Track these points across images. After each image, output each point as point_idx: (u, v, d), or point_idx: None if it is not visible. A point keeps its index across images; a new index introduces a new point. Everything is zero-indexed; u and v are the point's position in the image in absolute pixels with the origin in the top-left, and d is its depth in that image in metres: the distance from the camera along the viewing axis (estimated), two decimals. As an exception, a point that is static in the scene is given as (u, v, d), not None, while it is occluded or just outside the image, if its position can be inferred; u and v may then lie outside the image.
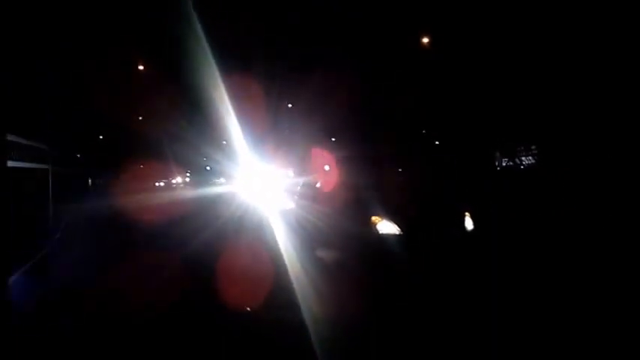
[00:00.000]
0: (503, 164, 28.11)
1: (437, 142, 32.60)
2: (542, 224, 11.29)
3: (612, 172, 15.34)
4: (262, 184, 22.89)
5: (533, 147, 25.66)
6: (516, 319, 5.13)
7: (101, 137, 35.39)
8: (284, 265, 7.55)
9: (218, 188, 40.27)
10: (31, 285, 6.34)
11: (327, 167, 11.48)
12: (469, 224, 8.41)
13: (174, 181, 52.59)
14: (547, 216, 12.17)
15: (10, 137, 6.65)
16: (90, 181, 13.78)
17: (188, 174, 61.22)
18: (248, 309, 5.60)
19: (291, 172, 27.16)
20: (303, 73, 30.45)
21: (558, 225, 10.98)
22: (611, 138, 18.12)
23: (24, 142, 7.43)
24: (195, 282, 6.64)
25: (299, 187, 13.38)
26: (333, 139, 34.88)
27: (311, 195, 11.73)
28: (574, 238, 9.48)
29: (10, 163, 6.57)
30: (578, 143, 19.94)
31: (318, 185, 11.80)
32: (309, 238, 9.79)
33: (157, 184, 47.00)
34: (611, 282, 6.32)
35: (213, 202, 24.50)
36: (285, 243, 9.23)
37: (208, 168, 57.89)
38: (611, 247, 8.26)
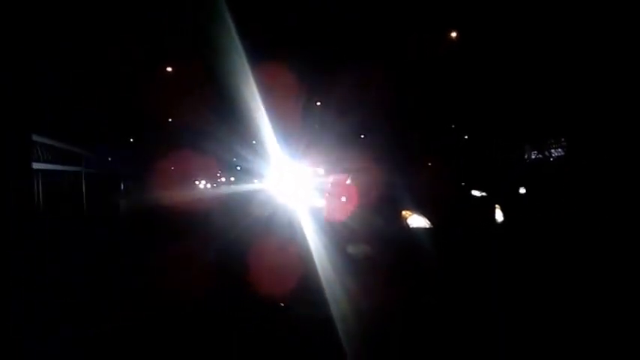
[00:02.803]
0: (533, 157, 27.74)
1: (466, 137, 32.34)
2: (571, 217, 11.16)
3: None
4: (292, 182, 22.98)
5: (562, 139, 25.25)
6: (548, 316, 5.07)
7: (132, 140, 35.81)
8: (313, 261, 7.57)
9: (247, 187, 40.54)
10: (66, 284, 6.49)
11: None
12: (499, 216, 8.33)
13: (204, 183, 53.06)
14: (576, 208, 12.01)
15: (44, 140, 6.82)
16: (122, 184, 14.02)
17: (219, 174, 61.84)
18: (282, 304, 5.63)
19: (321, 170, 27.19)
20: (333, 71, 30.49)
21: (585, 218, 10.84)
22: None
23: (59, 145, 7.60)
24: (225, 278, 6.73)
25: (329, 185, 13.37)
26: (362, 136, 34.88)
27: (341, 192, 11.73)
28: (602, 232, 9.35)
29: (45, 166, 6.74)
30: (608, 135, 19.56)
31: (348, 182, 11.79)
32: (339, 235, 9.80)
33: (190, 183, 47.31)
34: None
35: (243, 201, 24.69)
36: (314, 240, 9.26)
37: (239, 168, 58.51)
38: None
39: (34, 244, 5.84)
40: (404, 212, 7.98)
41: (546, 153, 26.43)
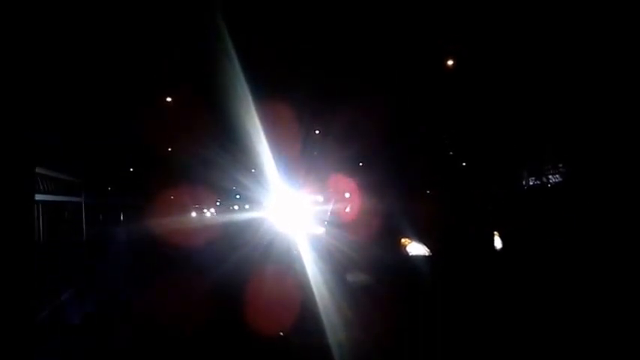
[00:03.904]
0: (531, 183, 27.80)
1: (464, 164, 32.45)
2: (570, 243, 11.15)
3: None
4: (291, 210, 23.03)
5: (560, 165, 25.31)
6: (548, 343, 5.07)
7: (132, 169, 35.87)
8: (312, 290, 7.58)
9: (247, 215, 40.52)
10: (63, 317, 6.48)
11: (347, 194, 11.49)
12: (498, 244, 8.35)
13: (203, 211, 52.93)
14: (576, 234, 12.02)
15: (46, 172, 6.88)
16: (122, 214, 14.09)
17: (218, 203, 61.78)
18: (280, 333, 5.62)
19: (320, 198, 27.26)
20: (333, 99, 30.71)
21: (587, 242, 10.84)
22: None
23: (60, 176, 7.65)
24: (224, 306, 6.72)
25: (328, 213, 13.42)
26: (361, 164, 34.97)
27: (340, 220, 11.77)
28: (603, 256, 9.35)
29: (46, 197, 6.78)
30: (606, 160, 19.59)
31: (347, 210, 11.84)
32: (338, 263, 9.81)
33: (189, 211, 47.12)
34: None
35: (242, 228, 24.68)
36: (313, 268, 9.27)
37: (238, 196, 58.62)
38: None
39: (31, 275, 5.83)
40: (403, 240, 8.01)
41: (544, 179, 26.48)
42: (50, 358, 5.17)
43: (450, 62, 24.24)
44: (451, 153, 32.41)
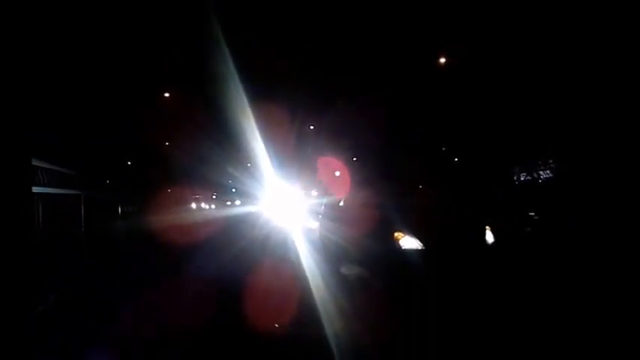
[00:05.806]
0: (522, 179, 27.89)
1: (456, 159, 32.60)
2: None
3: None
4: (286, 204, 23.18)
5: (550, 161, 25.40)
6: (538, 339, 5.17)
7: (129, 163, 35.88)
8: (307, 282, 7.71)
9: (243, 209, 40.58)
10: (62, 313, 6.54)
11: (337, 173, 11.51)
12: (490, 238, 8.47)
13: (202, 205, 52.86)
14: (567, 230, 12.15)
15: (44, 164, 6.97)
16: (120, 207, 14.17)
17: (214, 196, 61.78)
18: (276, 324, 5.72)
19: (314, 192, 27.38)
20: (327, 95, 30.80)
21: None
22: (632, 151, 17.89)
23: (58, 168, 7.75)
24: (220, 299, 6.76)
25: (322, 207, 13.54)
26: (354, 159, 35.12)
27: (334, 214, 11.89)
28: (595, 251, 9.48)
29: (45, 189, 6.89)
30: (597, 156, 19.68)
31: (341, 204, 11.95)
32: (333, 256, 9.94)
33: (187, 205, 46.98)
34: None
35: (238, 222, 24.76)
36: (308, 261, 9.40)
37: (234, 190, 58.71)
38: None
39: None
40: (396, 234, 8.11)
41: (535, 175, 26.56)
42: (50, 357, 5.20)
43: (444, 60, 24.32)
44: (444, 149, 32.55)
